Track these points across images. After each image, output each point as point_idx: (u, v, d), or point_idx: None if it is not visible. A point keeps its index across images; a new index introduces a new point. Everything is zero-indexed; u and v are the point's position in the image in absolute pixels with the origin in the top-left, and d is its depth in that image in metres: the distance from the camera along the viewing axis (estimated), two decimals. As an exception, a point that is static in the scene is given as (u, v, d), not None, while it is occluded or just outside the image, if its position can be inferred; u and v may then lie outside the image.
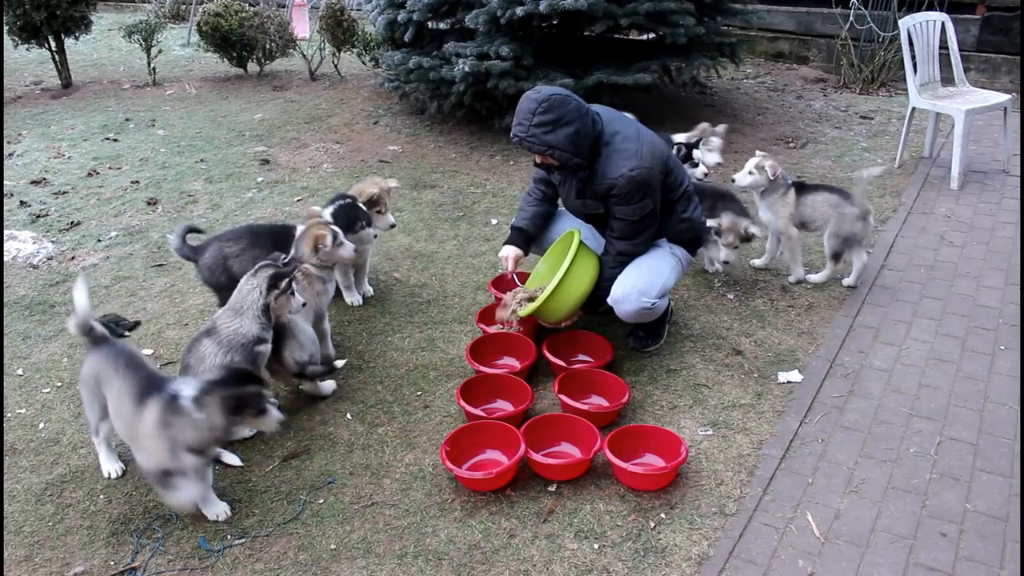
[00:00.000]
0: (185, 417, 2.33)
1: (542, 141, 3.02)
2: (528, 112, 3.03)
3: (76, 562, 2.46)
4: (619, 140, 3.10)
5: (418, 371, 3.40)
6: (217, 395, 2.34)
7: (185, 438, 2.35)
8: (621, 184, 3.05)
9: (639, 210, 3.13)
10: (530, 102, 3.04)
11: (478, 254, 4.45)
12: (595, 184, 3.14)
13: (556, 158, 3.05)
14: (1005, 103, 5.37)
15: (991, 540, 2.46)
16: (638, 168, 3.04)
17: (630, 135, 3.13)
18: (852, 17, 7.83)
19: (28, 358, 3.54)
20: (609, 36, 6.73)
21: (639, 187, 3.06)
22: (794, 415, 3.05)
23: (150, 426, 2.35)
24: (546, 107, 2.99)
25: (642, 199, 3.10)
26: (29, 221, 4.93)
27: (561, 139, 3.01)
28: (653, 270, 3.26)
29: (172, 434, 2.34)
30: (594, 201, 3.21)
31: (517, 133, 3.08)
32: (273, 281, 2.83)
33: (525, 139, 3.05)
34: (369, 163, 5.88)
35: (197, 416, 2.33)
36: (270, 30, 8.22)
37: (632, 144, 3.10)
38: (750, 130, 6.55)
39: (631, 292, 3.18)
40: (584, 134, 3.05)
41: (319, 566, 2.42)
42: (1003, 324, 3.64)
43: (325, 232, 3.20)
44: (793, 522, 2.55)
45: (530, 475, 2.75)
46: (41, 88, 8.20)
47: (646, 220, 3.18)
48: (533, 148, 3.06)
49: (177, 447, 2.35)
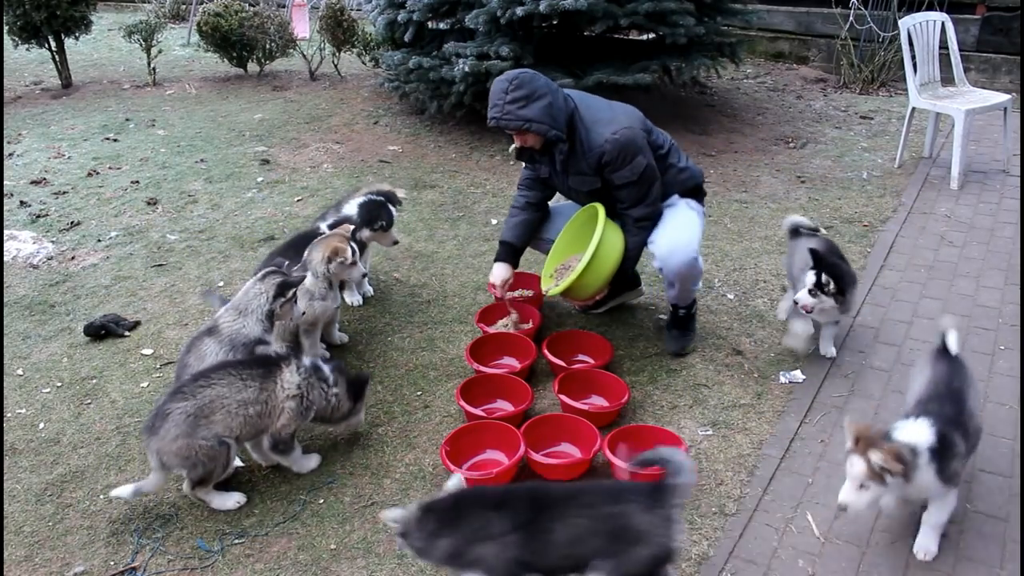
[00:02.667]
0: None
1: (518, 116, 3.03)
2: (500, 92, 3.05)
3: (76, 562, 2.46)
4: (593, 111, 3.17)
5: (418, 371, 3.40)
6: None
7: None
8: (608, 149, 3.07)
9: (635, 169, 3.13)
10: (500, 82, 3.08)
11: (478, 254, 4.45)
12: (584, 158, 3.15)
13: (535, 131, 3.06)
14: (1005, 103, 5.37)
15: (991, 540, 2.45)
16: (619, 129, 3.08)
17: (601, 106, 3.23)
18: (852, 17, 7.83)
19: (28, 358, 3.54)
20: (609, 36, 6.73)
21: (626, 147, 3.09)
22: (794, 415, 3.05)
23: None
24: (517, 83, 3.03)
25: (634, 158, 3.11)
26: (29, 221, 4.93)
27: (536, 112, 3.02)
28: (684, 224, 3.27)
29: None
30: (589, 176, 3.21)
31: (493, 115, 3.09)
32: (281, 289, 2.86)
33: (501, 118, 3.06)
34: (369, 163, 5.88)
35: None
36: (270, 30, 8.22)
37: (606, 112, 3.18)
38: (750, 130, 6.55)
39: (676, 244, 3.19)
40: (557, 107, 3.07)
41: (319, 566, 2.42)
42: (1003, 324, 3.64)
43: (346, 247, 3.16)
44: (793, 522, 2.55)
45: (530, 475, 2.75)
46: (41, 88, 8.20)
47: (647, 177, 3.17)
48: (510, 125, 3.07)
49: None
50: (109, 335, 3.69)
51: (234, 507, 2.63)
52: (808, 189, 5.32)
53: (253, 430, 2.62)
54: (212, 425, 2.50)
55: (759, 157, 5.94)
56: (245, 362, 2.69)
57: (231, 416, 2.53)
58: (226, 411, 2.53)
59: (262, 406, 2.59)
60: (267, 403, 2.60)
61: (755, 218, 4.82)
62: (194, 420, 2.48)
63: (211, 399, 2.52)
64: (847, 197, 5.17)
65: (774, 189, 5.32)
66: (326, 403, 2.74)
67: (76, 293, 4.09)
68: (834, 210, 4.96)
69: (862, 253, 4.37)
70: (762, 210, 4.96)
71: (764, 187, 5.36)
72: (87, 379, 3.38)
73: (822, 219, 4.81)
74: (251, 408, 2.56)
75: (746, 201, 5.10)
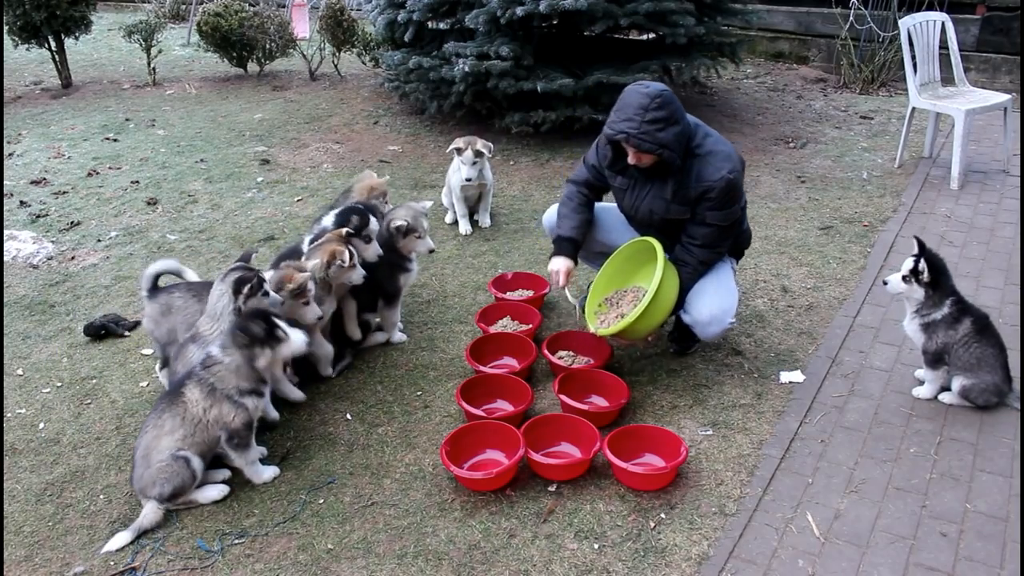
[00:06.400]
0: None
1: (655, 139, 2.81)
2: (639, 107, 2.81)
3: (76, 562, 2.46)
4: (711, 142, 2.96)
5: (418, 371, 3.40)
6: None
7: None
8: (720, 187, 2.90)
9: (731, 215, 3.00)
10: (641, 96, 2.83)
11: (478, 254, 4.45)
12: (688, 187, 2.95)
13: (666, 158, 2.86)
14: (1005, 103, 5.37)
15: (991, 540, 2.45)
16: (735, 171, 2.92)
17: (718, 137, 3.01)
18: (852, 17, 7.83)
19: (28, 358, 3.54)
20: (609, 36, 6.73)
21: (733, 189, 2.94)
22: (794, 415, 3.05)
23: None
24: (659, 103, 2.81)
25: (734, 203, 2.99)
26: (29, 221, 4.93)
27: (672, 138, 2.83)
28: (725, 286, 3.15)
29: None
30: (683, 206, 3.01)
31: (625, 130, 2.83)
32: (237, 286, 2.79)
33: (634, 136, 2.82)
34: (369, 163, 5.88)
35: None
36: (270, 30, 8.22)
37: (724, 146, 2.98)
38: (750, 130, 6.55)
39: (718, 314, 3.06)
40: (686, 135, 2.90)
41: (319, 566, 2.42)
42: (1003, 324, 3.63)
43: (343, 249, 3.09)
44: (793, 522, 2.55)
45: (530, 475, 2.75)
46: (41, 88, 8.20)
47: (733, 226, 3.07)
48: (643, 146, 2.84)
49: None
50: (109, 335, 3.69)
51: (270, 479, 2.76)
52: (808, 189, 5.32)
53: (205, 446, 2.65)
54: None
55: (759, 157, 5.94)
56: (158, 403, 2.71)
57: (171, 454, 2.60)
58: (158, 452, 2.59)
59: (189, 426, 2.60)
60: (194, 421, 2.60)
61: (755, 218, 4.82)
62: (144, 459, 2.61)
63: (145, 446, 2.62)
64: (847, 197, 5.17)
65: (774, 189, 5.32)
66: (236, 367, 2.64)
67: (76, 293, 4.09)
68: (834, 210, 4.96)
69: (862, 253, 4.37)
70: (762, 210, 4.96)
71: (764, 187, 5.36)
72: (87, 379, 3.38)
73: (822, 219, 4.82)
74: (178, 436, 2.60)
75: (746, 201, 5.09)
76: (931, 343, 3.02)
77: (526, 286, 3.91)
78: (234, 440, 2.66)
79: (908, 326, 3.10)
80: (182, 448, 2.60)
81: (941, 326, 2.99)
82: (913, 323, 3.07)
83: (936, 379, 3.08)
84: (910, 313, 3.08)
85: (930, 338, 3.02)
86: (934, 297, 3.00)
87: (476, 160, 4.45)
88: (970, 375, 2.98)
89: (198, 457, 2.63)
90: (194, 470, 2.61)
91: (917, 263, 2.97)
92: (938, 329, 2.99)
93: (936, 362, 3.03)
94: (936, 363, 3.04)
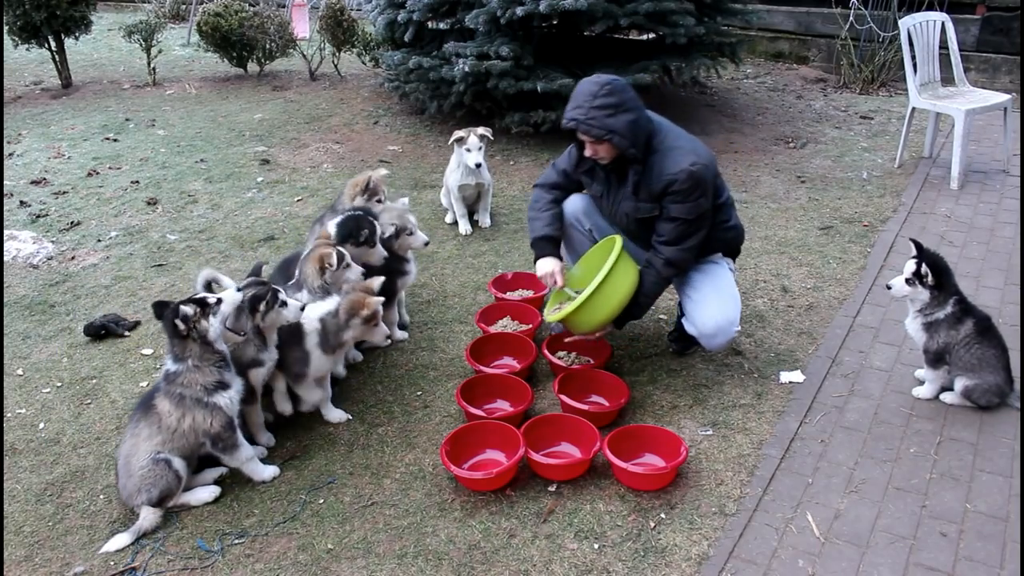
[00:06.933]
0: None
1: (603, 124, 2.84)
2: (588, 94, 2.87)
3: (76, 562, 2.46)
4: (672, 138, 3.00)
5: (418, 371, 3.40)
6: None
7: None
8: (682, 179, 2.89)
9: (695, 208, 2.96)
10: (591, 84, 2.89)
11: (478, 254, 4.45)
12: (652, 182, 2.97)
13: (616, 144, 2.87)
14: (1005, 103, 5.37)
15: (991, 540, 2.45)
16: (698, 163, 2.90)
17: (681, 134, 3.04)
18: (852, 17, 7.83)
19: (28, 358, 3.54)
20: (609, 36, 6.73)
21: (698, 183, 2.92)
22: (794, 415, 3.05)
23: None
24: (609, 90, 2.85)
25: (699, 197, 2.95)
26: (29, 221, 4.93)
27: (622, 124, 2.84)
28: (728, 294, 3.14)
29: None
30: (649, 203, 3.02)
31: (574, 116, 2.88)
32: (253, 303, 2.74)
33: (583, 122, 2.86)
34: (369, 163, 5.88)
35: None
36: (270, 30, 8.21)
37: (687, 141, 3.01)
38: (750, 130, 6.55)
39: (723, 324, 3.06)
40: (642, 126, 2.91)
41: (319, 566, 2.42)
42: (1003, 324, 3.63)
43: (330, 251, 3.07)
44: (793, 522, 2.55)
45: (530, 475, 2.76)
46: (41, 88, 8.20)
47: (699, 222, 3.02)
48: (592, 132, 2.86)
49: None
50: (109, 335, 3.69)
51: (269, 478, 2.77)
52: (808, 189, 5.32)
53: (187, 449, 2.64)
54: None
55: (759, 157, 5.94)
56: (133, 415, 2.71)
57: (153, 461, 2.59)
58: (138, 459, 2.59)
59: (166, 433, 2.59)
60: (170, 429, 2.59)
61: (755, 218, 4.82)
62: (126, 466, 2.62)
63: (125, 455, 2.62)
64: (847, 197, 5.17)
65: (774, 189, 5.32)
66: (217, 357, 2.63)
67: (76, 293, 4.09)
68: (834, 210, 4.96)
69: (862, 253, 4.37)
70: (762, 210, 4.96)
71: (764, 187, 5.36)
72: (87, 379, 3.38)
73: (822, 219, 4.82)
74: (156, 441, 2.59)
75: (746, 201, 5.10)
76: (932, 342, 3.02)
77: (526, 286, 3.91)
78: (219, 444, 2.64)
79: (910, 325, 3.10)
80: (160, 451, 2.58)
81: (943, 326, 2.99)
82: (915, 322, 3.07)
83: (936, 379, 3.08)
84: (912, 312, 3.09)
85: (932, 337, 3.02)
86: (939, 297, 3.00)
87: (481, 144, 4.43)
88: (972, 375, 2.98)
89: (180, 459, 2.61)
90: (177, 471, 2.60)
91: (919, 266, 2.98)
92: (940, 329, 3.00)
93: (937, 362, 3.04)
94: (937, 363, 3.04)
